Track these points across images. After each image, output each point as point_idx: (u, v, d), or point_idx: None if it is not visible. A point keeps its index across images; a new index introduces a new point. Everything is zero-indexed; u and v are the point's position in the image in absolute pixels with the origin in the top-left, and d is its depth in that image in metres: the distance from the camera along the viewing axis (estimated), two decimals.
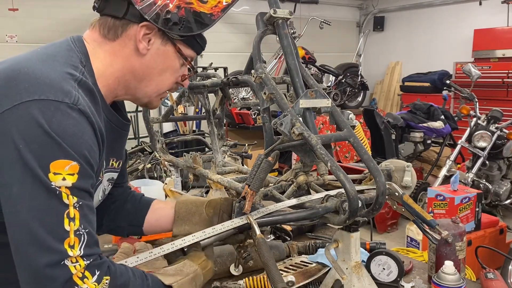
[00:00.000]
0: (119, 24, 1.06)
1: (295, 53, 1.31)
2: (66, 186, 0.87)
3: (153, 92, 1.14)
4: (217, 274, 1.45)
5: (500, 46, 6.69)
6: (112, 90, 1.10)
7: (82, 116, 0.91)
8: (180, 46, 1.11)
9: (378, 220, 4.52)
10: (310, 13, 8.13)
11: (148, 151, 4.91)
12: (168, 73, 1.13)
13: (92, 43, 1.07)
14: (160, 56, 1.09)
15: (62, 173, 0.86)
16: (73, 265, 0.86)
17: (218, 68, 6.73)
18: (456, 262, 1.38)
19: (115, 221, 1.33)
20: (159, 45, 1.08)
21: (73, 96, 0.91)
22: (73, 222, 0.87)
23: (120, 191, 1.36)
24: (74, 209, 0.87)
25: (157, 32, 1.07)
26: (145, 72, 1.10)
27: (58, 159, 0.86)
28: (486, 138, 4.59)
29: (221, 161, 1.79)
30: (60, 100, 0.89)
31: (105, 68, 1.06)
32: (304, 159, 1.26)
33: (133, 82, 1.11)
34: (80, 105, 0.91)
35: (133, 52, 1.07)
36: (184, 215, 1.25)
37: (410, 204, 1.17)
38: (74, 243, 0.87)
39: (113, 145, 1.16)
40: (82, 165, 0.89)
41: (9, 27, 5.87)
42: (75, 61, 1.00)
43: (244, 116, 6.73)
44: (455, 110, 6.32)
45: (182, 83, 1.19)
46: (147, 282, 1.01)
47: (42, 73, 0.92)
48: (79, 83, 0.95)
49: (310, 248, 1.67)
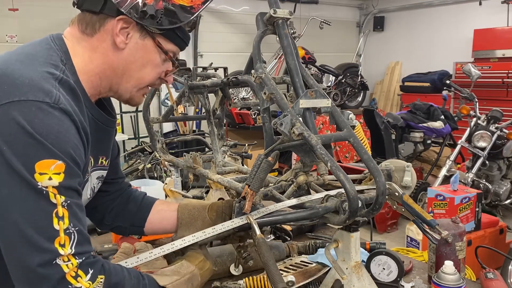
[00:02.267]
0: (96, 19, 1.04)
1: (295, 53, 1.31)
2: (53, 185, 0.86)
3: (133, 87, 1.11)
4: (217, 274, 1.45)
5: (500, 46, 6.68)
6: (96, 87, 1.08)
7: (64, 114, 0.90)
8: (160, 40, 1.08)
9: (378, 220, 4.52)
10: (310, 13, 8.13)
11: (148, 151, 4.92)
12: (148, 68, 1.10)
13: (71, 39, 1.06)
14: (139, 51, 1.07)
15: (48, 173, 0.86)
16: (65, 264, 0.86)
17: (218, 68, 6.71)
18: (456, 262, 1.38)
19: (116, 220, 1.33)
20: (137, 39, 1.06)
21: (54, 95, 0.90)
22: (62, 221, 0.87)
23: (117, 187, 1.35)
24: (62, 208, 0.87)
25: (135, 26, 1.04)
26: (125, 67, 1.08)
27: (43, 159, 0.86)
28: (486, 138, 4.59)
29: (221, 161, 1.79)
30: (40, 100, 0.88)
31: (85, 65, 1.05)
32: (304, 159, 1.26)
33: (114, 78, 1.09)
34: (61, 104, 0.90)
35: (111, 47, 1.05)
36: (187, 220, 1.26)
37: (410, 204, 1.17)
38: (65, 242, 0.87)
39: (101, 143, 1.15)
40: (68, 164, 0.89)
41: (9, 27, 5.87)
42: (55, 59, 0.98)
43: (244, 116, 6.73)
44: (455, 110, 6.32)
45: (166, 79, 1.16)
46: (144, 282, 1.00)
47: (21, 73, 0.91)
48: (60, 81, 0.94)
49: (310, 248, 1.67)
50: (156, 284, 1.04)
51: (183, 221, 1.26)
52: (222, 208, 1.25)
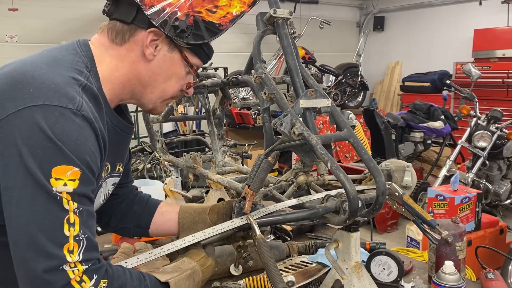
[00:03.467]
0: (127, 29, 1.06)
1: (295, 53, 1.31)
2: (67, 191, 0.87)
3: (158, 98, 1.14)
4: (217, 274, 1.45)
5: (500, 46, 6.69)
6: (117, 94, 1.10)
7: (86, 122, 0.92)
8: (187, 54, 1.11)
9: (378, 220, 4.52)
10: (310, 13, 8.14)
11: (148, 151, 4.92)
12: (173, 80, 1.13)
13: (99, 47, 1.07)
14: (166, 63, 1.09)
15: (63, 179, 0.87)
16: (72, 270, 0.87)
17: (218, 68, 6.73)
18: (456, 262, 1.38)
19: (122, 222, 1.34)
20: (165, 51, 1.08)
21: (77, 102, 0.91)
22: (73, 228, 0.88)
23: (126, 190, 1.36)
24: (74, 214, 0.88)
25: (165, 39, 1.07)
26: (151, 78, 1.10)
27: (60, 165, 0.87)
28: (486, 138, 4.59)
29: (221, 161, 1.79)
30: (64, 106, 0.89)
31: (111, 72, 1.06)
32: (304, 159, 1.26)
33: (139, 87, 1.11)
34: (83, 111, 0.92)
35: (139, 57, 1.07)
36: (189, 225, 1.26)
37: (410, 204, 1.17)
38: (74, 248, 0.87)
39: (118, 150, 1.17)
40: (83, 171, 0.90)
41: (9, 27, 5.87)
42: (80, 65, 1.00)
43: (244, 116, 6.73)
44: (455, 110, 6.32)
45: (187, 91, 1.19)
46: (145, 282, 1.01)
47: (47, 77, 0.92)
48: (83, 88, 0.96)
49: (310, 248, 1.67)
50: (158, 283, 1.04)
51: (184, 225, 1.27)
52: (223, 209, 1.26)
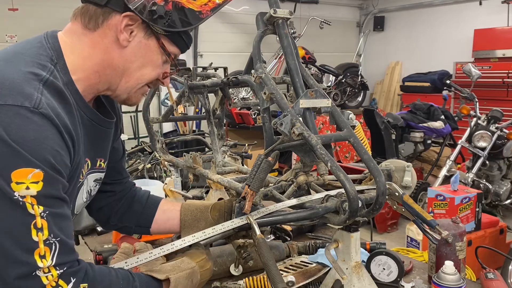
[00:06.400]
0: (100, 12, 1.00)
1: (295, 53, 1.31)
2: (31, 195, 0.83)
3: (132, 87, 1.08)
4: (217, 274, 1.45)
5: (500, 46, 6.69)
6: (92, 85, 1.04)
7: (45, 119, 0.86)
8: (164, 42, 1.05)
9: (378, 220, 4.52)
10: (310, 13, 8.13)
11: (148, 151, 4.91)
12: (149, 68, 1.07)
13: (71, 36, 1.02)
14: (141, 50, 1.04)
15: (25, 182, 0.83)
16: (45, 276, 0.84)
17: (218, 68, 6.71)
18: (456, 262, 1.38)
19: (122, 221, 1.33)
20: (141, 38, 1.03)
21: (35, 99, 0.86)
22: (41, 232, 0.84)
23: (122, 187, 1.34)
24: (41, 218, 0.84)
25: (141, 24, 1.01)
26: (125, 66, 1.04)
27: (19, 168, 0.82)
28: (486, 138, 4.59)
29: (221, 161, 1.79)
30: (19, 105, 0.84)
31: (83, 61, 1.01)
32: (304, 159, 1.26)
33: (114, 77, 1.05)
34: (42, 108, 0.86)
35: (113, 43, 1.01)
36: (191, 222, 1.26)
37: (410, 204, 1.17)
38: (45, 253, 0.84)
39: (98, 145, 1.12)
40: (46, 172, 0.85)
41: (9, 27, 5.87)
42: (43, 59, 0.95)
43: (244, 116, 6.73)
44: (455, 110, 6.32)
45: (163, 81, 1.13)
46: (134, 283, 0.99)
47: (3, 75, 0.88)
48: (45, 83, 0.91)
49: (310, 248, 1.66)
50: (152, 282, 1.03)
51: (186, 223, 1.26)
52: (225, 207, 1.25)
